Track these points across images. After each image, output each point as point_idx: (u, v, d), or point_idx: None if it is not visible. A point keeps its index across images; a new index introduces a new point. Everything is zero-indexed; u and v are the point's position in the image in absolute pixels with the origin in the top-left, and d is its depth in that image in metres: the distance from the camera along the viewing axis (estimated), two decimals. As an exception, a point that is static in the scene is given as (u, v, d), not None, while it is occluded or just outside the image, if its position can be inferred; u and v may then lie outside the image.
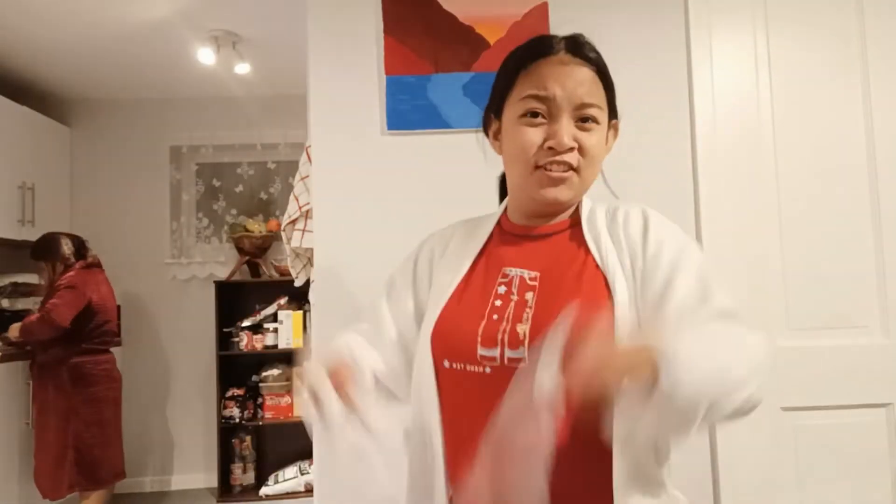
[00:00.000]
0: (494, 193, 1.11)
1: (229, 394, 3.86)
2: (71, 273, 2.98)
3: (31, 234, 3.45)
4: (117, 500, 3.85)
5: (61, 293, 2.89)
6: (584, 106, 0.91)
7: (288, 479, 3.73)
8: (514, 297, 0.89)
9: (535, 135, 0.90)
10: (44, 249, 3.07)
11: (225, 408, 3.82)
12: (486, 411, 0.79)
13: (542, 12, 1.70)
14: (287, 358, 3.93)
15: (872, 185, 1.75)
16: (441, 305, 0.93)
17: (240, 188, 4.26)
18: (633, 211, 0.95)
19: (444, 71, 1.66)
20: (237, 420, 3.82)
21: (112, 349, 3.18)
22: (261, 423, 3.84)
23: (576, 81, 0.91)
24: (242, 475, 3.88)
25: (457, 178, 1.59)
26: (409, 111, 1.65)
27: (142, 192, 4.16)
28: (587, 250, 0.91)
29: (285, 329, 3.80)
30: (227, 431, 3.87)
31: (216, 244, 4.22)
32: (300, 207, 1.78)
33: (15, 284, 3.61)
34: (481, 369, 0.86)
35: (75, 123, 4.15)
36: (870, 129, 1.76)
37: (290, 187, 1.89)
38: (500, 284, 0.91)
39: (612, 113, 0.99)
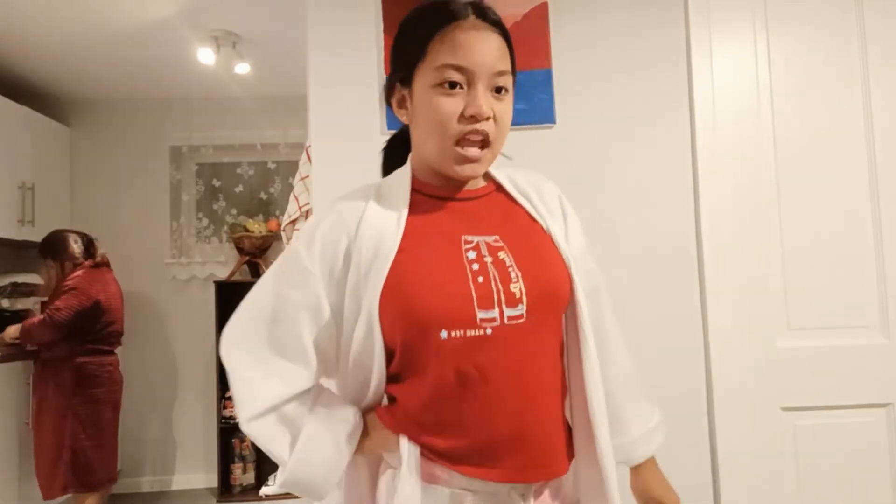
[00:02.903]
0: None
1: (229, 394, 3.84)
2: (79, 273, 2.96)
3: (31, 234, 3.46)
4: (117, 500, 3.86)
5: (66, 297, 2.87)
6: (498, 74, 0.90)
7: (288, 479, 3.73)
8: (489, 259, 0.90)
9: (453, 105, 0.88)
10: (52, 247, 3.04)
11: (225, 408, 3.82)
12: (493, 368, 0.86)
13: (542, 12, 1.70)
14: (287, 358, 3.92)
15: (872, 185, 1.75)
16: (406, 281, 0.87)
17: (240, 188, 4.26)
18: (546, 186, 1.04)
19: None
20: (237, 420, 3.81)
21: (115, 350, 3.18)
22: (261, 423, 3.84)
23: (490, 49, 0.90)
24: (242, 475, 3.88)
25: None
26: (409, 111, 1.65)
27: (142, 192, 4.16)
28: (524, 211, 0.98)
29: (285, 329, 3.80)
30: (227, 431, 3.87)
31: (216, 244, 4.22)
32: (300, 207, 1.78)
33: (15, 284, 3.61)
34: (482, 332, 0.86)
35: (75, 123, 4.15)
36: (870, 129, 1.76)
37: (290, 187, 1.89)
38: (468, 250, 0.90)
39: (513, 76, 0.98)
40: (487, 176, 1.01)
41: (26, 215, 3.59)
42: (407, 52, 0.93)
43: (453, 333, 0.85)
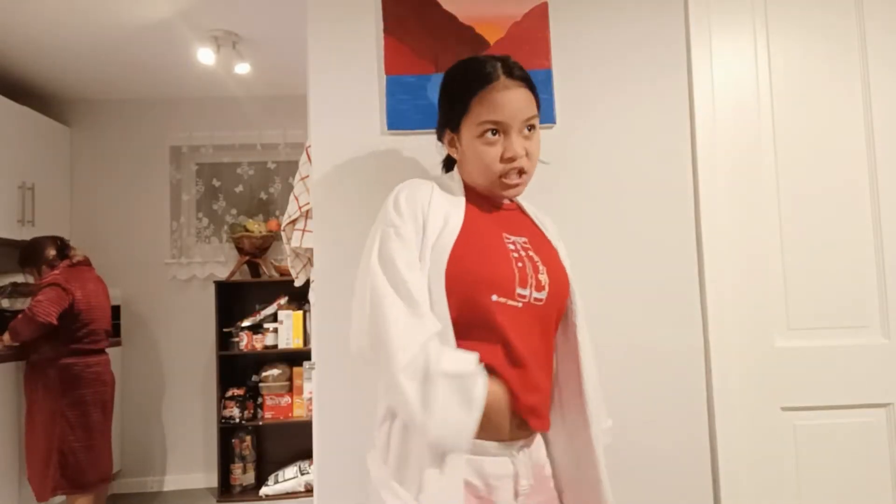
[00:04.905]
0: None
1: (229, 394, 3.86)
2: (55, 272, 2.98)
3: (32, 234, 3.46)
4: (117, 500, 3.86)
5: (44, 290, 2.88)
6: (527, 120, 1.17)
7: (288, 479, 3.74)
8: (524, 254, 1.17)
9: (494, 151, 1.16)
10: (27, 256, 3.08)
11: (225, 408, 3.83)
12: (518, 335, 1.11)
13: (542, 12, 1.70)
14: (287, 358, 3.93)
15: (872, 185, 1.75)
16: (469, 252, 1.11)
17: (240, 188, 4.26)
18: (548, 219, 1.34)
19: (444, 71, 1.66)
20: (237, 420, 3.82)
21: (110, 349, 3.16)
22: (261, 423, 3.85)
23: (519, 102, 1.16)
24: (242, 475, 3.89)
25: (457, 178, 1.58)
26: (409, 111, 1.65)
27: (142, 192, 4.16)
28: (535, 225, 1.29)
29: (285, 329, 3.81)
30: (227, 431, 3.87)
31: (216, 244, 4.22)
32: (300, 207, 1.77)
33: (15, 284, 3.61)
34: (516, 304, 1.12)
35: (75, 123, 4.15)
36: (869, 129, 1.76)
37: (290, 187, 1.89)
38: (508, 243, 1.17)
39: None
40: None
41: (26, 215, 3.59)
42: (453, 109, 1.20)
43: (500, 299, 1.10)
